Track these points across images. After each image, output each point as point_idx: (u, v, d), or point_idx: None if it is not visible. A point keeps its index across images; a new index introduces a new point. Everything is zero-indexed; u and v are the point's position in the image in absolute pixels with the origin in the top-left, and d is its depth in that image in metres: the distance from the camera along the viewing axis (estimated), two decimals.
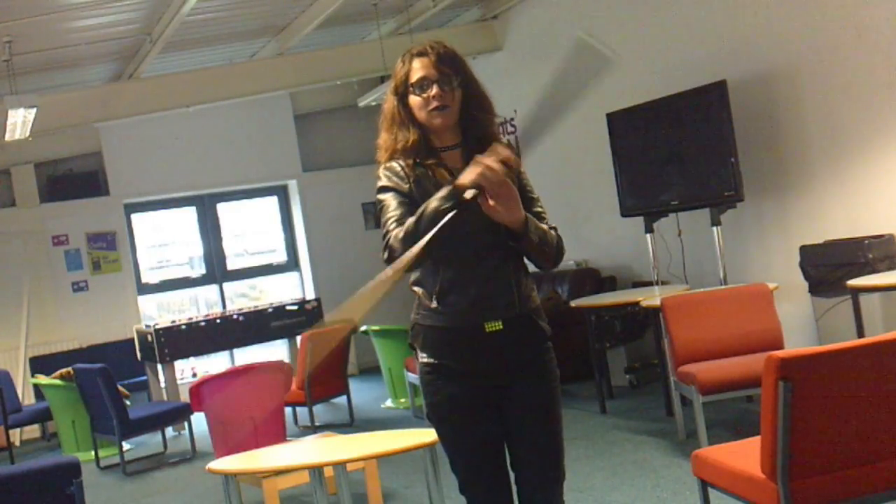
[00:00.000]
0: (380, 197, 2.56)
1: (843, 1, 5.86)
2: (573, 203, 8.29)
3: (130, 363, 8.59)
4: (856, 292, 4.98)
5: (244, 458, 3.98)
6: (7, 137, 7.51)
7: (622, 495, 4.57)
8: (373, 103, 8.72)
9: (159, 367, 8.16)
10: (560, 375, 2.68)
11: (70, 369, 7.32)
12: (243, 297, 10.65)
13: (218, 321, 8.46)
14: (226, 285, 10.54)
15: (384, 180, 2.56)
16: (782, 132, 6.37)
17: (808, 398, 2.77)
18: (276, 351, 9.73)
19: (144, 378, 8.47)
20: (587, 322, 6.59)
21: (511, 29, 8.96)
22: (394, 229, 2.44)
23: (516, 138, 2.79)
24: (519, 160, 2.40)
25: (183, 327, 8.21)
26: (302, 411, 7.60)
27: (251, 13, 7.64)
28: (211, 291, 10.50)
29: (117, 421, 6.64)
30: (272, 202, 10.91)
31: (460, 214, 2.30)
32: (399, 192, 2.52)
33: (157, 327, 8.09)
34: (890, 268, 5.41)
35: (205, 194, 10.41)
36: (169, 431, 7.78)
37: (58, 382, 7.55)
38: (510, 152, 2.36)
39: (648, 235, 6.91)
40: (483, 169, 2.29)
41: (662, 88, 6.80)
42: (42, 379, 7.83)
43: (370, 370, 9.93)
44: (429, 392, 2.62)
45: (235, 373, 6.46)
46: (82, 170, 9.76)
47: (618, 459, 5.22)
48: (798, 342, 5.67)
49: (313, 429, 7.05)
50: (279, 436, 5.95)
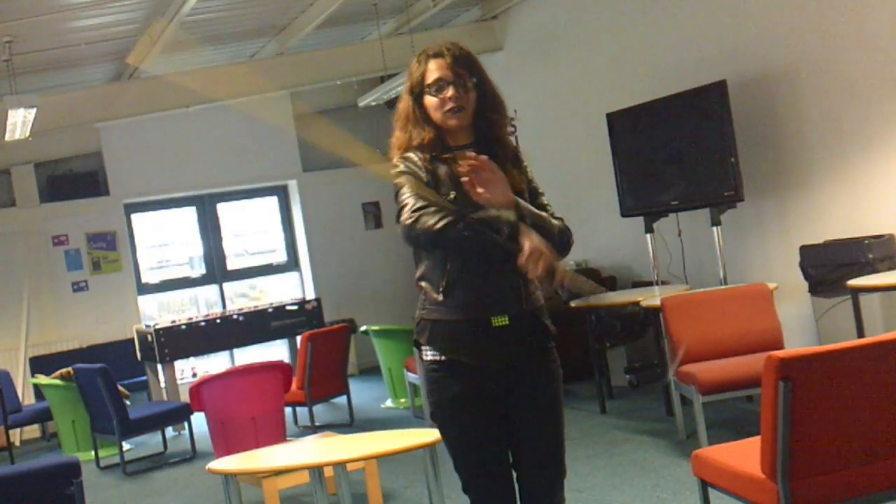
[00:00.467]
0: (397, 181, 2.56)
1: (844, 1, 5.86)
2: (573, 203, 8.27)
3: (130, 363, 8.59)
4: (856, 292, 4.97)
5: (244, 458, 3.98)
6: (7, 137, 7.51)
7: (622, 495, 4.57)
8: (373, 103, 8.72)
9: (159, 367, 8.15)
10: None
11: (70, 369, 7.31)
12: (243, 297, 10.65)
13: (218, 321, 8.46)
14: (226, 285, 10.54)
15: (401, 166, 2.58)
16: (782, 132, 6.37)
17: (808, 398, 2.77)
18: (276, 351, 9.73)
19: (144, 378, 8.47)
20: (587, 322, 6.59)
21: (511, 29, 8.96)
22: (424, 214, 2.43)
23: (516, 138, 2.78)
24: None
25: (183, 327, 8.20)
26: (302, 411, 7.60)
27: (251, 13, 7.64)
28: (211, 291, 10.50)
29: (117, 421, 6.64)
30: (272, 202, 10.90)
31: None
32: (415, 177, 2.54)
33: (157, 327, 8.08)
34: (890, 268, 5.41)
35: (205, 194, 10.41)
36: (169, 431, 7.78)
37: (58, 382, 7.55)
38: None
39: (648, 235, 6.91)
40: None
41: (662, 88, 6.80)
42: (42, 379, 7.83)
43: (370, 370, 9.93)
44: (433, 390, 2.63)
45: (235, 373, 6.46)
46: (82, 170, 9.76)
47: (618, 459, 5.22)
48: (798, 342, 5.67)
49: (313, 429, 7.05)
50: (279, 436, 5.95)
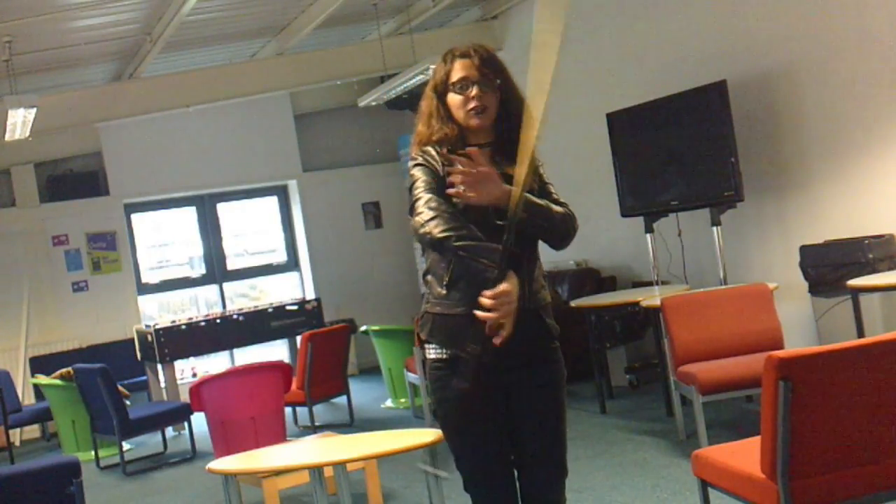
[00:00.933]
0: (412, 172, 2.61)
1: (844, 1, 5.86)
2: (573, 203, 8.22)
3: (130, 363, 8.58)
4: (856, 292, 4.97)
5: (244, 458, 3.98)
6: (7, 137, 7.51)
7: (622, 495, 4.57)
8: (373, 103, 8.72)
9: (159, 367, 8.15)
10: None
11: (70, 369, 7.31)
12: (243, 297, 10.65)
13: (218, 321, 8.46)
14: (226, 285, 10.54)
15: (419, 158, 2.61)
16: (782, 132, 6.37)
17: (808, 398, 2.77)
18: (276, 351, 9.73)
19: (144, 378, 8.47)
20: (587, 322, 6.58)
21: (511, 29, 8.95)
22: (435, 218, 2.46)
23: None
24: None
25: (183, 327, 8.20)
26: (302, 411, 7.60)
27: (251, 13, 7.64)
28: (211, 291, 10.49)
29: (117, 421, 6.64)
30: (272, 202, 10.90)
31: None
32: (430, 171, 2.57)
33: (157, 327, 8.08)
34: (890, 268, 5.41)
35: (205, 194, 10.41)
36: (169, 431, 7.78)
37: (58, 382, 7.55)
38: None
39: (648, 235, 6.91)
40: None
41: (662, 88, 6.80)
42: (42, 379, 7.82)
43: (370, 370, 9.93)
44: (436, 388, 2.64)
45: (235, 373, 6.47)
46: (82, 170, 9.75)
47: (618, 459, 5.22)
48: (798, 342, 5.67)
49: (313, 429, 7.05)
50: (279, 436, 5.95)
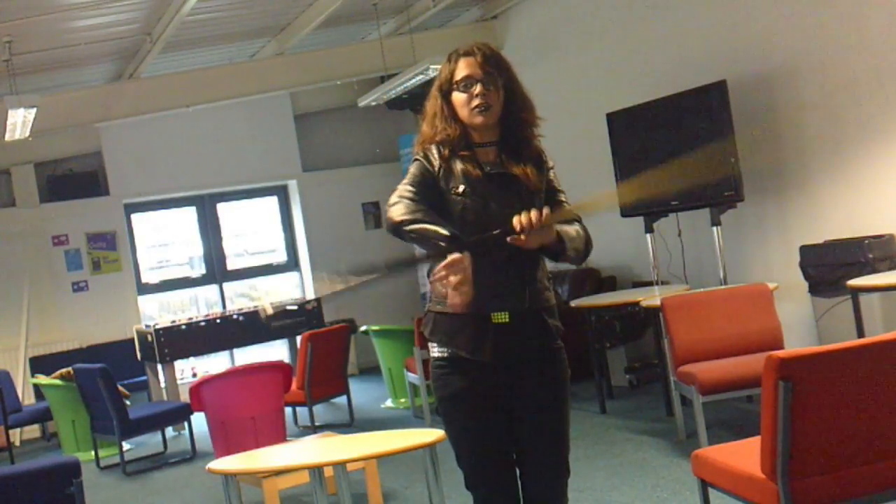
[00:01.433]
0: (409, 169, 2.66)
1: (844, 1, 5.86)
2: (573, 203, 8.27)
3: (130, 363, 8.58)
4: (856, 292, 4.97)
5: (244, 458, 3.98)
6: (7, 137, 7.51)
7: (622, 495, 4.57)
8: (373, 103, 8.72)
9: (159, 367, 8.15)
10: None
11: (70, 369, 7.31)
12: (243, 297, 10.65)
13: (218, 321, 8.45)
14: (226, 285, 10.54)
15: (419, 155, 2.66)
16: (782, 132, 6.37)
17: (808, 398, 2.77)
18: (276, 351, 9.74)
19: (144, 378, 8.46)
20: (587, 322, 6.58)
21: (511, 29, 8.95)
22: (398, 204, 2.51)
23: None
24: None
25: (183, 327, 8.20)
26: (302, 411, 7.60)
27: (251, 13, 7.64)
28: (211, 291, 10.49)
29: (117, 421, 6.64)
30: (272, 202, 10.90)
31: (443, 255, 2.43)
32: (425, 170, 2.61)
33: (157, 327, 8.08)
34: (890, 268, 5.41)
35: (205, 194, 10.41)
36: (169, 431, 7.78)
37: (58, 382, 7.55)
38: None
39: (648, 235, 6.90)
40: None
41: (662, 88, 6.80)
42: (42, 379, 7.82)
43: (370, 370, 9.93)
44: (439, 386, 2.65)
45: (235, 373, 6.46)
46: (82, 170, 9.75)
47: (618, 459, 5.22)
48: (798, 342, 5.67)
49: (313, 429, 7.05)
50: (279, 436, 5.95)
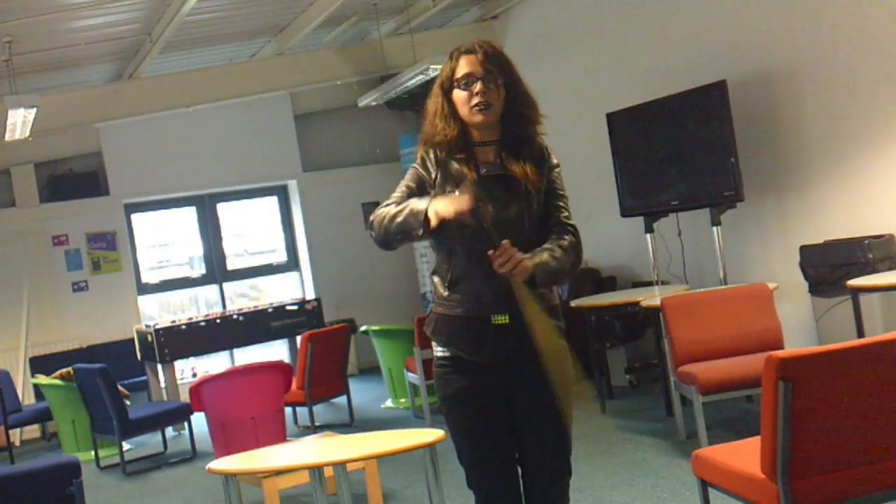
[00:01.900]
0: (406, 173, 2.71)
1: (843, 1, 5.86)
2: (573, 203, 8.22)
3: (130, 363, 8.58)
4: (856, 292, 4.97)
5: (244, 458, 3.98)
6: (7, 137, 7.51)
7: (622, 495, 4.57)
8: (373, 103, 8.72)
9: (159, 367, 8.15)
10: None
11: (70, 369, 7.31)
12: (243, 297, 10.65)
13: (218, 321, 8.46)
14: (226, 285, 10.53)
15: (418, 160, 2.69)
16: (782, 132, 6.37)
17: (808, 398, 2.77)
18: (276, 351, 9.74)
19: (144, 378, 8.46)
20: (587, 322, 6.58)
21: (511, 29, 8.95)
22: (374, 220, 2.59)
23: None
24: (490, 211, 2.46)
25: (183, 327, 8.20)
26: (302, 411, 7.60)
27: (251, 13, 7.64)
28: (211, 291, 10.49)
29: (117, 421, 6.64)
30: (272, 202, 10.90)
31: (423, 238, 2.48)
32: (418, 177, 2.65)
33: (157, 327, 8.08)
34: (890, 268, 5.41)
35: (205, 194, 10.40)
36: (169, 431, 7.78)
37: (58, 382, 7.55)
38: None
39: (648, 235, 6.91)
40: (457, 206, 2.38)
41: (662, 88, 6.80)
42: (42, 379, 7.82)
43: (370, 370, 9.93)
44: (441, 385, 2.66)
45: (235, 373, 6.46)
46: (82, 170, 9.75)
47: (618, 459, 5.22)
48: (798, 342, 5.67)
49: (313, 429, 7.05)
50: (279, 436, 5.95)
